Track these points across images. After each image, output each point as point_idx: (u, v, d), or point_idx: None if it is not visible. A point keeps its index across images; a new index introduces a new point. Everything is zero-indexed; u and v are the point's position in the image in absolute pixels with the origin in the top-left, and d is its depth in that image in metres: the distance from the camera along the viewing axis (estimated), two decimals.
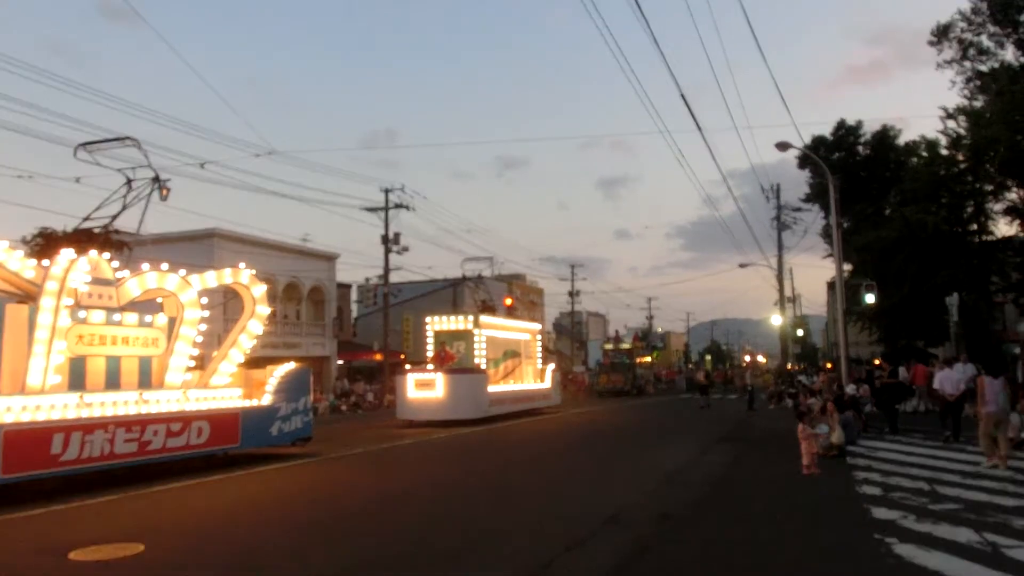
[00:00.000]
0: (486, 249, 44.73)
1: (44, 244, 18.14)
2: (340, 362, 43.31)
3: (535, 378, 29.70)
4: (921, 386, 22.86)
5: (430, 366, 24.07)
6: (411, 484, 11.63)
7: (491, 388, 24.62)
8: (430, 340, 25.45)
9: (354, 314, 52.56)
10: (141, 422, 11.86)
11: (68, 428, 10.70)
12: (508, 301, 36.65)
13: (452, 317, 26.78)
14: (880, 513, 8.31)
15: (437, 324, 25.76)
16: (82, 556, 6.88)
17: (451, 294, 48.18)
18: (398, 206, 38.70)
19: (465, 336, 25.27)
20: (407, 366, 29.87)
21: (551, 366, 31.88)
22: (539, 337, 32.01)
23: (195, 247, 31.95)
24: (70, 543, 7.30)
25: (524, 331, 30.28)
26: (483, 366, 24.64)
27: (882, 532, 7.35)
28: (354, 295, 50.75)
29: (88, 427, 11.00)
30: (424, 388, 22.67)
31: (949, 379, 15.54)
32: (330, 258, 42.51)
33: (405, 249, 39.81)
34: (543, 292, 72.46)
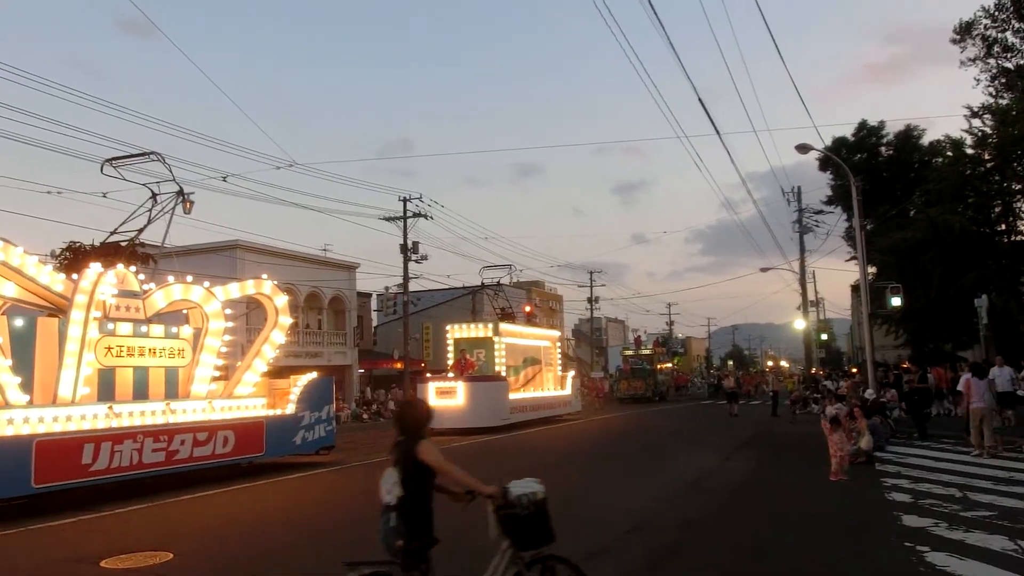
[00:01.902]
0: (504, 256, 45.11)
1: (72, 258, 18.50)
2: (361, 371, 43.47)
3: (555, 385, 29.62)
4: (942, 389, 22.57)
5: (451, 374, 24.10)
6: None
7: (511, 396, 24.60)
8: (450, 348, 25.50)
9: (374, 323, 52.73)
10: (168, 432, 11.98)
11: (98, 438, 10.84)
12: (527, 308, 36.60)
13: (472, 325, 26.84)
14: (911, 520, 8.18)
15: (457, 332, 25.82)
16: (113, 564, 6.96)
17: (470, 302, 48.18)
18: (416, 215, 38.83)
19: (485, 344, 25.30)
20: (427, 374, 29.93)
21: (571, 373, 31.78)
22: (559, 344, 31.95)
23: (218, 259, 32.24)
24: (101, 551, 7.38)
25: (544, 338, 30.25)
26: (503, 374, 24.62)
27: (913, 540, 7.23)
28: (374, 304, 50.88)
29: (117, 437, 11.14)
30: (445, 396, 22.68)
31: (977, 388, 14.47)
32: (350, 268, 42.72)
33: (424, 258, 39.93)
34: (562, 299, 72.36)
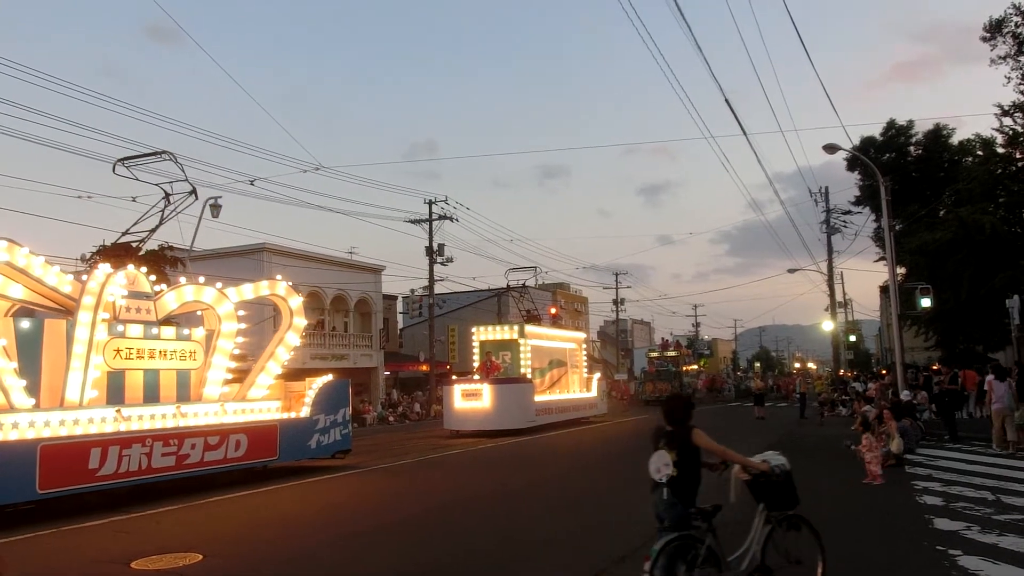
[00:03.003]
0: (528, 259, 45.03)
1: (102, 262, 18.58)
2: (387, 373, 43.70)
3: (581, 387, 29.55)
4: (972, 391, 22.20)
5: (476, 376, 24.15)
6: (458, 494, 11.66)
7: (537, 398, 24.59)
8: (476, 351, 25.55)
9: (400, 325, 53.00)
10: (179, 436, 11.77)
11: (105, 442, 10.65)
12: (553, 310, 36.57)
13: (497, 327, 26.86)
14: (942, 524, 8.07)
15: (483, 334, 25.86)
16: (144, 565, 7.06)
17: (495, 304, 48.26)
18: (442, 217, 39.03)
19: (511, 346, 25.31)
20: (453, 376, 30.00)
21: (597, 375, 31.68)
22: (584, 346, 31.87)
23: (246, 262, 32.62)
24: (131, 552, 7.49)
25: (569, 340, 30.19)
26: (529, 376, 24.62)
27: (945, 544, 7.13)
28: (400, 306, 51.17)
29: (125, 441, 10.92)
30: (471, 398, 22.72)
31: (999, 389, 15.12)
32: (376, 270, 42.99)
33: (450, 260, 40.12)
34: (587, 301, 72.20)
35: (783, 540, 5.32)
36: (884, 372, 38.58)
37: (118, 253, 13.32)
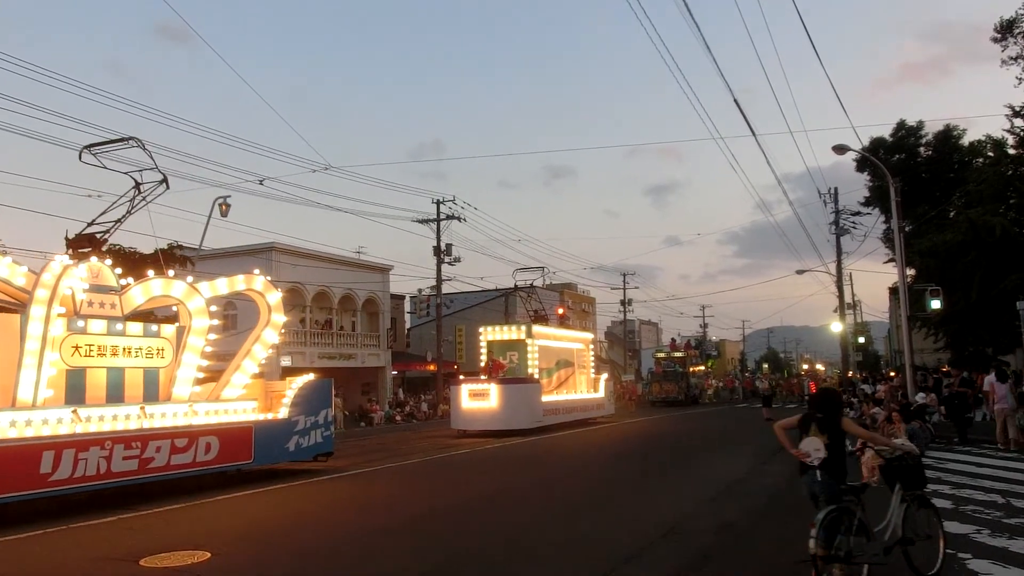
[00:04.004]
0: (536, 259, 45.06)
1: (114, 262, 18.53)
2: (394, 372, 43.78)
3: (588, 388, 29.53)
4: (978, 394, 22.11)
5: (484, 376, 24.16)
6: (466, 494, 11.67)
7: (545, 398, 24.56)
8: (483, 350, 25.55)
9: (408, 325, 53.09)
10: (142, 438, 11.03)
11: (59, 445, 9.91)
12: (560, 311, 36.59)
13: (505, 327, 26.86)
14: (952, 527, 8.00)
15: (490, 334, 25.86)
16: (152, 563, 7.08)
17: (503, 304, 48.28)
18: (449, 217, 39.08)
19: (518, 346, 25.31)
20: (460, 376, 30.01)
21: (604, 376, 31.66)
22: (592, 346, 31.85)
23: (255, 261, 32.49)
24: (140, 550, 7.53)
25: (577, 340, 30.17)
26: (536, 376, 24.62)
27: (955, 547, 7.07)
28: (407, 306, 51.25)
29: (82, 444, 10.18)
30: (478, 398, 22.73)
31: (1000, 390, 16.15)
32: (384, 270, 43.06)
33: (457, 260, 40.15)
34: (594, 301, 72.17)
35: (916, 517, 6.09)
36: (893, 374, 38.42)
37: (92, 244, 12.31)
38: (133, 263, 20.52)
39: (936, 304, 22.34)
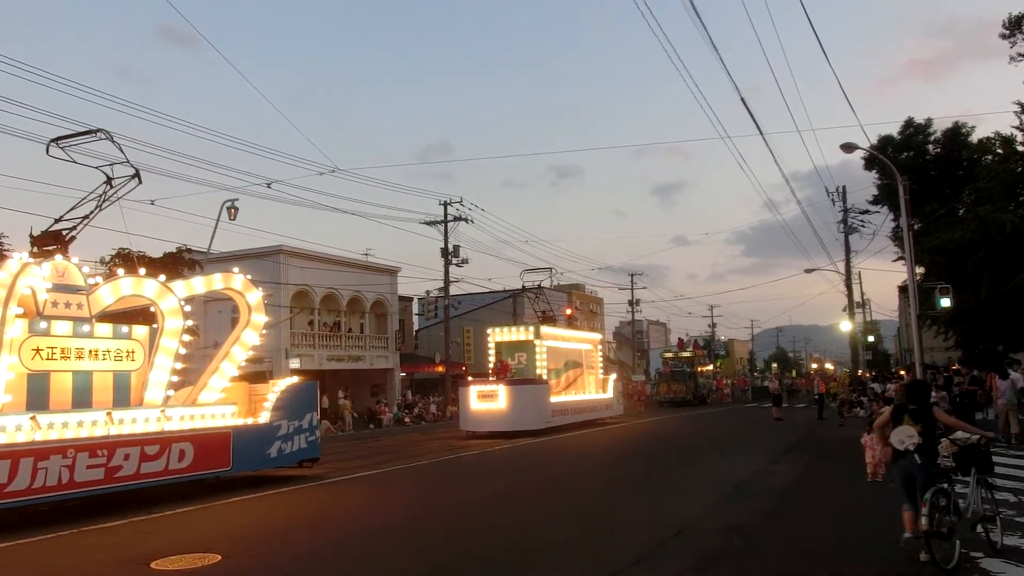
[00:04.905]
0: (543, 259, 45.13)
1: (122, 265, 18.50)
2: (403, 374, 43.84)
3: (597, 388, 29.51)
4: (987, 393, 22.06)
5: (492, 377, 24.17)
6: (475, 495, 11.68)
7: (553, 399, 24.57)
8: (492, 352, 25.57)
9: (416, 327, 53.12)
10: (108, 445, 10.34)
11: (16, 454, 9.26)
12: (568, 311, 36.53)
13: (513, 328, 26.88)
14: (964, 526, 7.97)
15: (498, 335, 25.89)
16: (163, 565, 7.12)
17: (511, 305, 48.27)
18: (456, 219, 39.10)
19: (526, 347, 25.33)
20: (469, 377, 30.02)
21: (613, 376, 31.62)
22: (600, 347, 31.82)
23: (262, 264, 32.80)
24: (151, 553, 7.56)
25: (585, 341, 30.16)
26: (545, 377, 24.61)
27: (966, 546, 7.04)
28: (415, 308, 51.30)
29: (42, 452, 9.54)
30: (487, 399, 22.74)
31: (1001, 386, 16.90)
32: (392, 272, 43.12)
33: (465, 261, 40.16)
34: (602, 302, 72.05)
35: (987, 498, 6.86)
36: (903, 372, 38.24)
37: (58, 241, 11.77)
38: (132, 261, 20.45)
39: (946, 302, 22.23)
